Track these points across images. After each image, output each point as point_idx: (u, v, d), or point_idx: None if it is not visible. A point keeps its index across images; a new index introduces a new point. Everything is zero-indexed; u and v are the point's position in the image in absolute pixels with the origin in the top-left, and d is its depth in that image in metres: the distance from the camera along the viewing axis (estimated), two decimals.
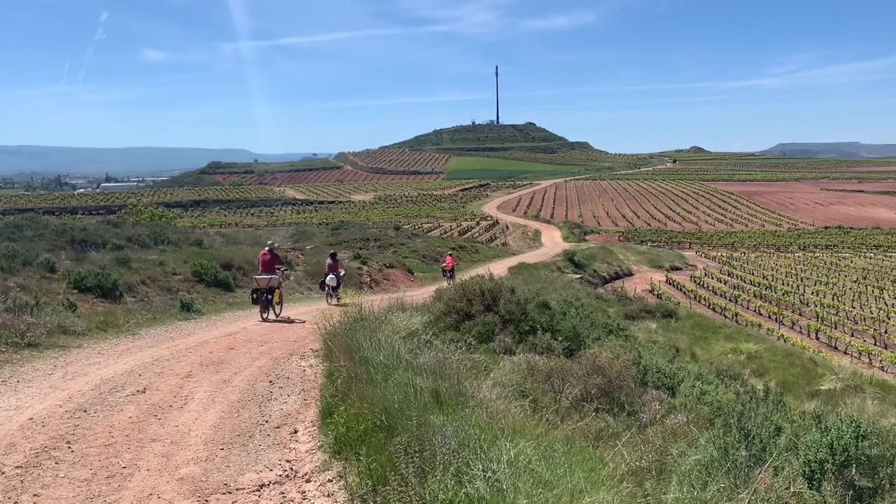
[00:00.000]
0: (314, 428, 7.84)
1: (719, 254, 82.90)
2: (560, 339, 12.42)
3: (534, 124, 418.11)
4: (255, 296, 17.89)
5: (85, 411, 8.62)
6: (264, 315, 17.50)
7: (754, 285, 57.03)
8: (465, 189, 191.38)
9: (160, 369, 11.16)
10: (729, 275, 63.41)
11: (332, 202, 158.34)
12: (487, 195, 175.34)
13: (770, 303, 49.17)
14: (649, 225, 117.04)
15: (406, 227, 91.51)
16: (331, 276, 22.19)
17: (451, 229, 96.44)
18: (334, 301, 21.52)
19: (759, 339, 31.33)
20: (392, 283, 31.04)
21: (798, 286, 57.32)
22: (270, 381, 10.36)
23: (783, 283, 58.79)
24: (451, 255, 36.86)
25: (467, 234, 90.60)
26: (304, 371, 11.13)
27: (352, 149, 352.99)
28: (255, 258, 26.51)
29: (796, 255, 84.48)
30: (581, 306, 18.92)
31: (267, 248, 18.95)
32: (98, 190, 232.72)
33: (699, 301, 49.49)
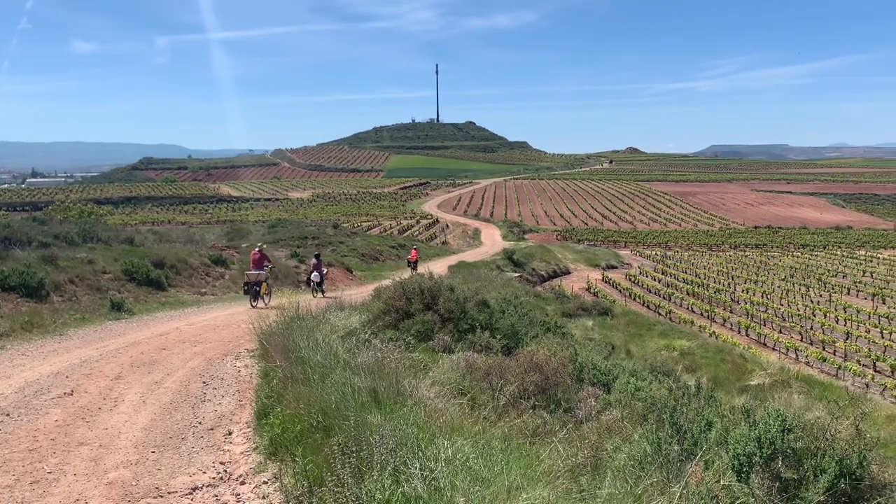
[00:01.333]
0: (249, 429, 7.72)
1: (654, 252, 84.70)
2: (499, 337, 12.51)
3: (474, 123, 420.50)
4: (246, 287, 20.91)
5: (7, 415, 8.30)
6: (254, 304, 20.41)
7: (687, 283, 58.47)
8: (405, 187, 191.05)
9: (88, 371, 10.82)
10: (663, 273, 64.85)
11: (269, 199, 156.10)
12: (427, 194, 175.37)
13: (702, 300, 50.49)
14: (586, 224, 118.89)
15: (345, 225, 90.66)
16: (315, 273, 25.53)
17: (390, 228, 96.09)
18: (319, 295, 24.35)
19: (691, 335, 32.16)
20: (331, 282, 30.82)
21: (729, 284, 59.02)
22: (204, 382, 10.16)
23: (715, 282, 60.42)
24: (415, 248, 42.35)
25: (407, 233, 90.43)
26: (238, 372, 10.94)
27: (289, 145, 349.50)
28: (188, 256, 26.31)
29: (727, 253, 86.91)
30: (520, 304, 19.08)
31: (257, 249, 22.27)
32: (23, 185, 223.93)
33: (634, 299, 50.49)
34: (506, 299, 18.95)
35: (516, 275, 47.19)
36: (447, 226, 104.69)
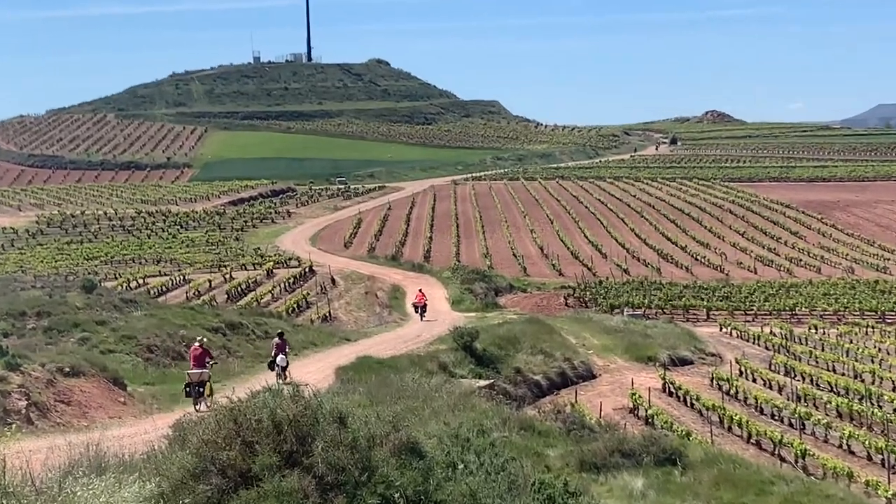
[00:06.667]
0: None
1: (766, 330, 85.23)
2: None
3: (387, 64, 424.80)
4: (188, 389, 33.95)
5: None
6: (197, 407, 32.49)
7: (837, 393, 58.85)
8: (241, 199, 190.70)
9: None
10: (787, 372, 65.23)
11: None
12: (291, 213, 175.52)
13: (870, 428, 50.88)
14: (626, 271, 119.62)
15: (110, 283, 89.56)
16: (280, 356, 40.25)
17: (210, 287, 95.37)
18: (283, 381, 37.38)
19: None
20: (79, 409, 30.46)
21: None
22: None
23: (894, 388, 60.89)
24: (420, 290, 55.88)
25: (248, 297, 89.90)
26: None
27: None
28: None
29: None
30: (489, 448, 19.08)
31: (198, 344, 36.46)
32: None
33: (729, 428, 50.72)
34: (458, 438, 18.91)
35: (481, 383, 47.10)
36: (334, 281, 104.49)
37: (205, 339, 39.75)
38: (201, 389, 33.48)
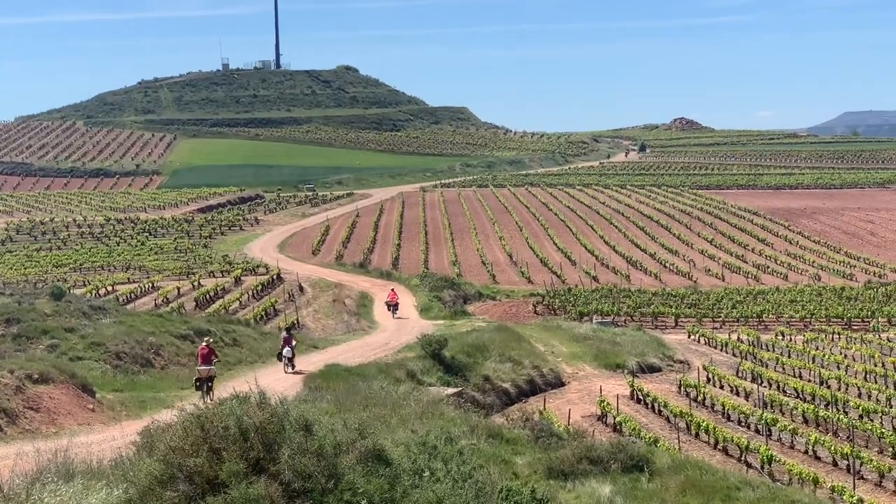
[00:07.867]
0: None
1: (734, 336, 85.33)
2: None
3: (356, 71, 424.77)
4: (198, 384, 39.45)
5: None
6: (205, 399, 35.46)
7: (803, 399, 59.05)
8: (210, 207, 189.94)
9: None
10: (754, 379, 65.30)
11: None
12: (258, 220, 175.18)
13: (836, 434, 51.10)
14: (595, 278, 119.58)
15: (79, 290, 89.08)
16: (286, 348, 48.81)
17: (179, 294, 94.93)
18: (290, 370, 47.77)
19: None
20: (48, 415, 30.33)
21: (889, 399, 59.93)
22: None
23: (860, 394, 61.18)
24: (393, 289, 61.86)
25: (216, 305, 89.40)
26: None
27: None
28: None
29: (886, 335, 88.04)
30: (457, 456, 19.07)
31: (205, 343, 42.00)
32: None
33: (696, 434, 50.83)
34: (426, 446, 18.91)
35: (450, 391, 47.06)
36: (302, 288, 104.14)
37: (212, 340, 44.76)
38: (210, 385, 39.11)
